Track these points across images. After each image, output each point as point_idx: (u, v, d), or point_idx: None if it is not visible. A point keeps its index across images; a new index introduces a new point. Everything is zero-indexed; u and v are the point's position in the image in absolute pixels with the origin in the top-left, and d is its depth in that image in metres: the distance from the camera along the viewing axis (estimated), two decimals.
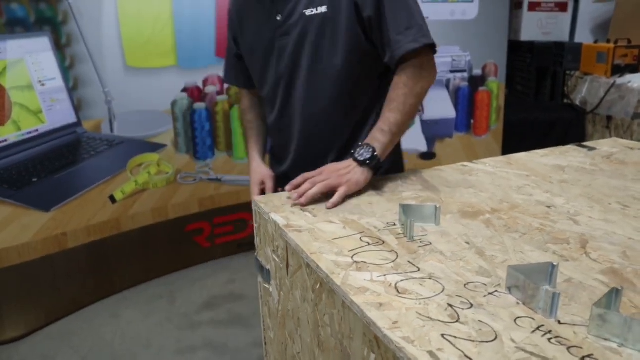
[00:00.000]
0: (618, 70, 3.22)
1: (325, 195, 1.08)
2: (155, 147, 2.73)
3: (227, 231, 3.12)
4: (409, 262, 0.81)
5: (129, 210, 2.69)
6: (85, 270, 2.60)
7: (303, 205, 1.06)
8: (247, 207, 3.25)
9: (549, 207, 1.05)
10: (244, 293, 2.74)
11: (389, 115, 1.18)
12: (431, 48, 1.19)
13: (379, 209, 1.05)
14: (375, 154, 1.14)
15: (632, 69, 3.23)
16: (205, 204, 2.97)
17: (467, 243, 0.88)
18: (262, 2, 1.28)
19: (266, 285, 1.12)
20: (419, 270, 0.78)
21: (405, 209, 0.95)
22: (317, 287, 0.82)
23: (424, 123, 3.36)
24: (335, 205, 1.06)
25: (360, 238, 0.91)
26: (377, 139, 1.17)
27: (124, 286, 2.75)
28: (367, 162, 1.13)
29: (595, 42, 3.54)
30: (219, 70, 2.80)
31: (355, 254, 0.84)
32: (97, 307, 2.62)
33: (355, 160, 1.14)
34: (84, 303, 2.60)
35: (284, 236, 0.95)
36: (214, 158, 2.94)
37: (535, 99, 3.99)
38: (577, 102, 3.52)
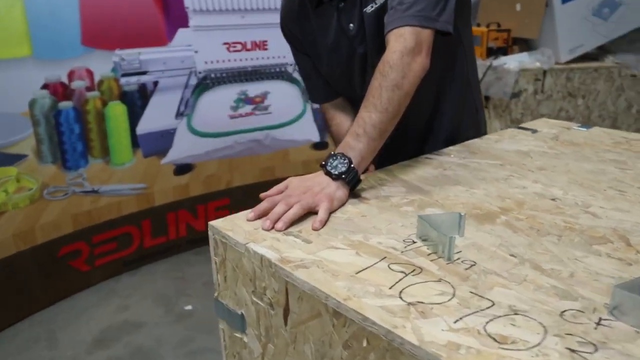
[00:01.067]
0: (491, 53, 3.38)
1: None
2: (13, 159, 2.24)
3: (109, 249, 2.72)
4: (472, 293, 0.64)
5: None
6: None
7: (280, 230, 0.84)
8: (131, 219, 2.92)
9: (553, 199, 0.95)
10: (141, 320, 2.37)
11: (364, 115, 0.98)
12: (423, 29, 1.00)
13: (379, 221, 0.86)
14: (352, 166, 0.94)
15: (503, 51, 3.41)
16: (80, 221, 2.55)
17: (513, 256, 0.73)
18: (325, 16, 1.21)
19: (237, 334, 0.87)
20: (493, 304, 0.61)
21: (428, 220, 0.77)
22: (362, 344, 0.61)
23: (315, 112, 3.23)
24: (324, 224, 0.85)
25: (389, 266, 0.71)
26: (351, 146, 0.96)
27: None
28: (343, 176, 0.93)
29: None
30: (87, 61, 2.36)
31: (401, 292, 0.64)
32: None
33: (328, 173, 0.93)
34: None
35: (281, 275, 0.72)
36: (88, 166, 2.52)
37: None
38: None
